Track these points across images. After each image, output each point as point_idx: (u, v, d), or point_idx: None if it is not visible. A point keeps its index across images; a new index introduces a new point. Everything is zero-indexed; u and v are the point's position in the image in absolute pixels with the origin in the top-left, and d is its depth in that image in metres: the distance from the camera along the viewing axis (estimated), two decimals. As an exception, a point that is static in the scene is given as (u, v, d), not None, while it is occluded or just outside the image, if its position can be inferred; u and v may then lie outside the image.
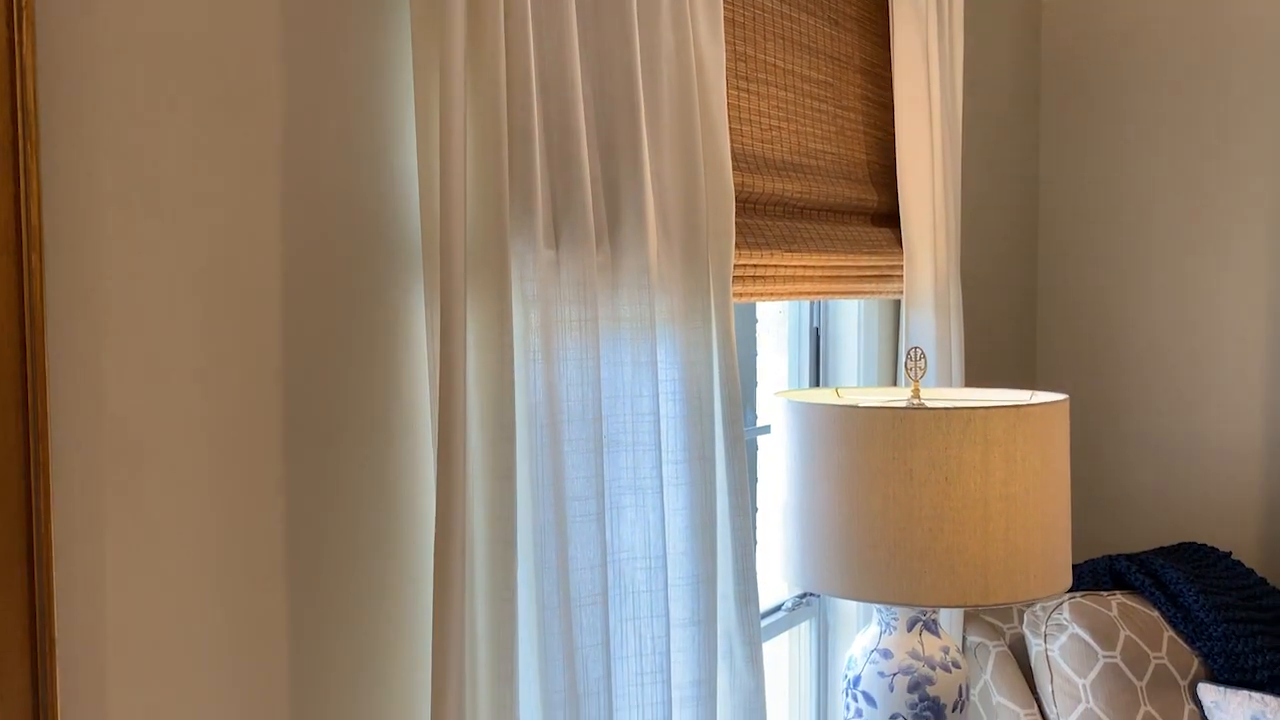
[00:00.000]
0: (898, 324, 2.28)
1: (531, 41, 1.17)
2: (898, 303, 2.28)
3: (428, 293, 1.15)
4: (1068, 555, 1.66)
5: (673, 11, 1.39)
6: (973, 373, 2.64)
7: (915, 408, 1.56)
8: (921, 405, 1.62)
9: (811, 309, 2.28)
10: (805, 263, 1.85)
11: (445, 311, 1.09)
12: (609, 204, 1.32)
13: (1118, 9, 2.86)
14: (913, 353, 1.79)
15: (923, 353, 1.78)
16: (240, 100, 1.03)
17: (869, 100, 2.13)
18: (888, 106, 2.18)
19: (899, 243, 2.15)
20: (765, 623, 2.09)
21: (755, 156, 1.78)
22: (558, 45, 1.22)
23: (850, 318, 2.28)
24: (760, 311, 2.22)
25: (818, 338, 2.29)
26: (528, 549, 1.21)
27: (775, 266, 1.78)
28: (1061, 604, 2.14)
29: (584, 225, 1.25)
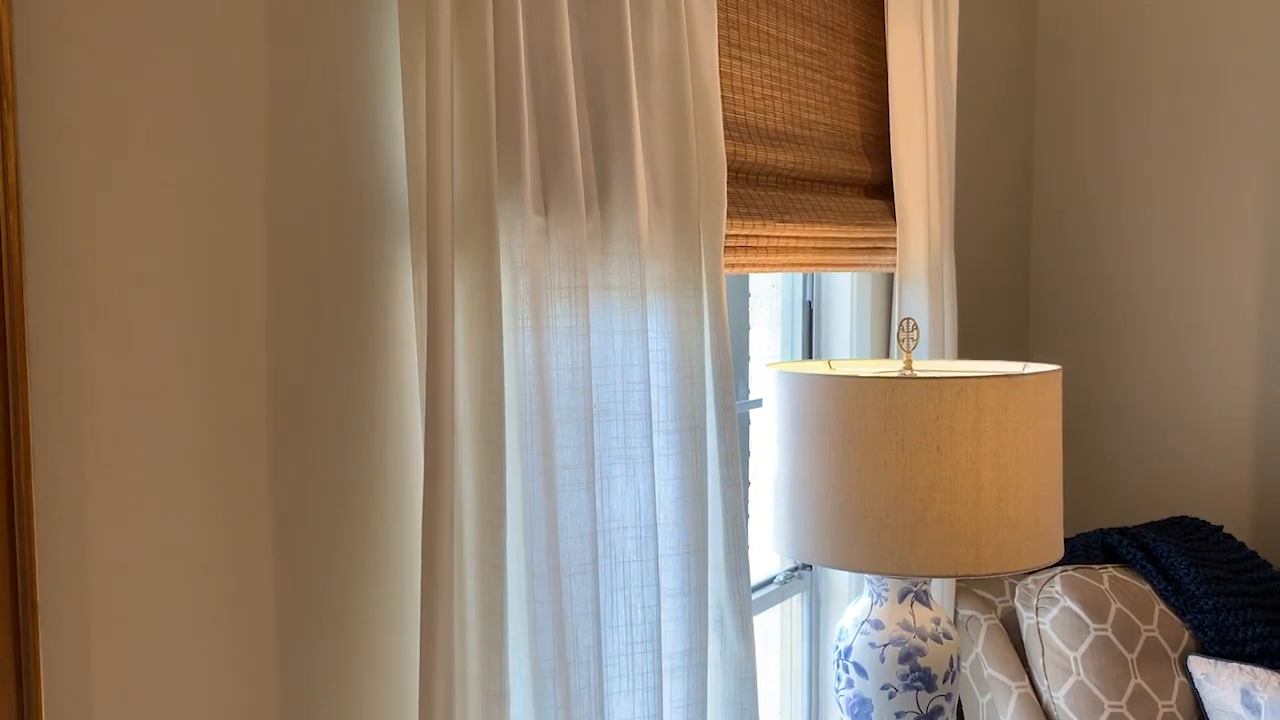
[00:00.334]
0: (890, 298, 2.27)
1: (519, 3, 1.16)
2: (890, 277, 2.27)
3: (414, 259, 1.14)
4: (1059, 526, 1.66)
5: (664, -24, 1.38)
6: (965, 346, 2.63)
7: (907, 378, 1.56)
8: (914, 376, 1.61)
9: (804, 282, 2.27)
10: (798, 234, 1.84)
11: (432, 278, 1.08)
12: (599, 169, 1.31)
13: (1114, -19, 2.84)
14: (905, 324, 1.78)
15: (915, 323, 1.77)
16: (222, 64, 1.02)
17: (863, 70, 2.11)
18: (882, 77, 2.16)
19: (892, 215, 2.14)
20: (757, 596, 2.09)
21: (748, 126, 1.76)
22: (546, 7, 1.21)
23: (843, 292, 2.27)
24: (753, 286, 2.21)
25: (810, 311, 2.28)
26: (517, 517, 1.21)
27: (768, 237, 1.77)
28: (1053, 577, 2.14)
29: (573, 191, 1.24)
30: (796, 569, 2.23)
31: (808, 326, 2.28)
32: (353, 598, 1.15)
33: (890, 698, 1.70)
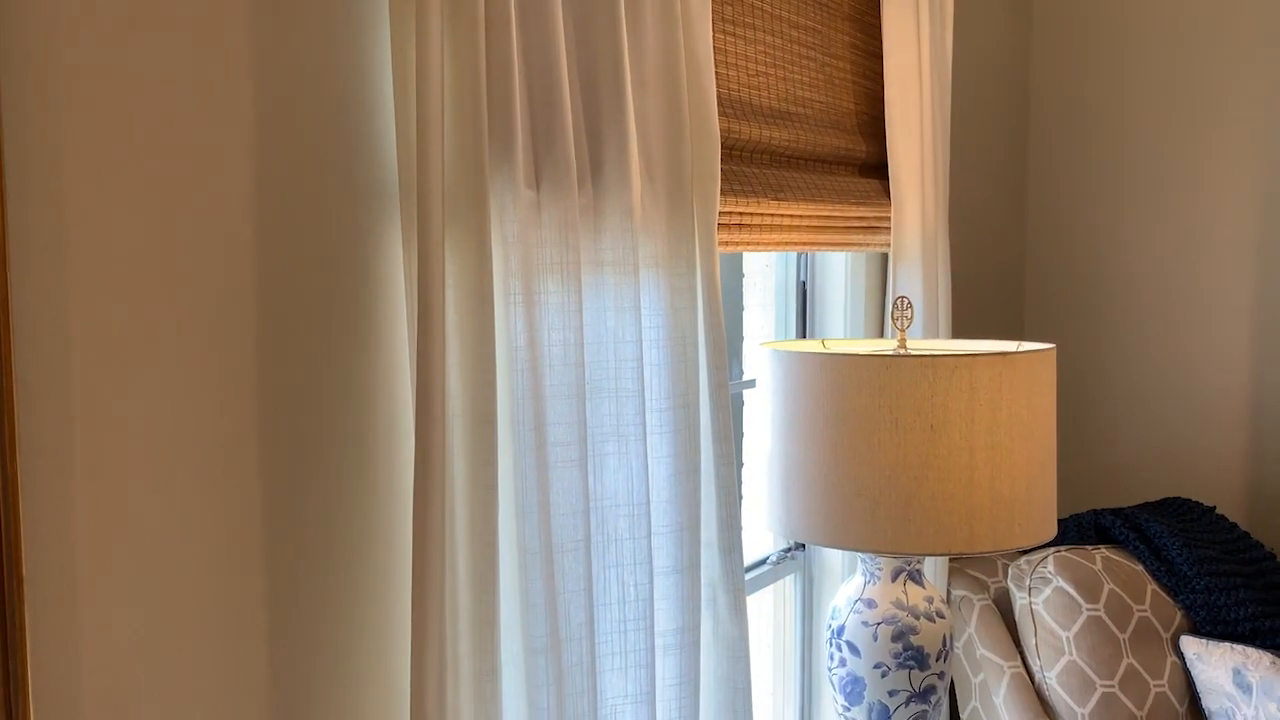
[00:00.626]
0: (884, 279, 2.26)
1: (511, -26, 1.14)
2: (885, 257, 2.26)
3: (405, 233, 1.13)
4: (1053, 505, 1.65)
5: (657, -51, 1.36)
6: (960, 326, 2.62)
7: (901, 356, 1.55)
8: (908, 354, 1.61)
9: (798, 263, 2.26)
10: (792, 212, 1.83)
11: (423, 252, 1.07)
12: (591, 144, 1.29)
13: (1110, -40, 2.82)
14: (899, 302, 1.77)
15: (909, 302, 1.77)
16: (207, 32, 1.00)
17: (857, 49, 2.10)
18: (876, 55, 2.15)
19: (887, 194, 2.13)
20: (751, 576, 2.08)
21: (741, 102, 1.75)
22: (538, -21, 1.19)
23: (838, 272, 2.26)
24: (747, 266, 2.20)
25: (804, 292, 2.27)
26: (509, 494, 1.20)
27: (761, 215, 1.76)
28: (1046, 558, 2.14)
29: (565, 165, 1.22)
30: (789, 550, 2.23)
31: (802, 306, 2.27)
32: (344, 576, 1.15)
33: (883, 676, 1.70)
